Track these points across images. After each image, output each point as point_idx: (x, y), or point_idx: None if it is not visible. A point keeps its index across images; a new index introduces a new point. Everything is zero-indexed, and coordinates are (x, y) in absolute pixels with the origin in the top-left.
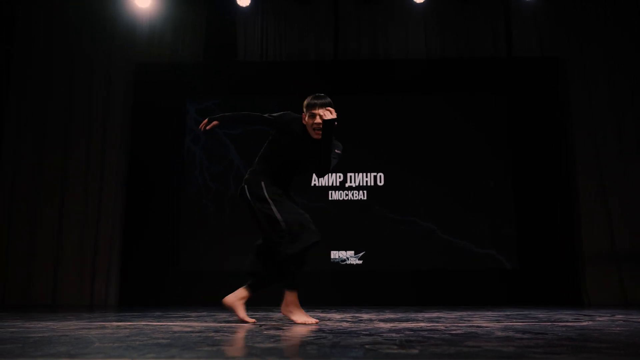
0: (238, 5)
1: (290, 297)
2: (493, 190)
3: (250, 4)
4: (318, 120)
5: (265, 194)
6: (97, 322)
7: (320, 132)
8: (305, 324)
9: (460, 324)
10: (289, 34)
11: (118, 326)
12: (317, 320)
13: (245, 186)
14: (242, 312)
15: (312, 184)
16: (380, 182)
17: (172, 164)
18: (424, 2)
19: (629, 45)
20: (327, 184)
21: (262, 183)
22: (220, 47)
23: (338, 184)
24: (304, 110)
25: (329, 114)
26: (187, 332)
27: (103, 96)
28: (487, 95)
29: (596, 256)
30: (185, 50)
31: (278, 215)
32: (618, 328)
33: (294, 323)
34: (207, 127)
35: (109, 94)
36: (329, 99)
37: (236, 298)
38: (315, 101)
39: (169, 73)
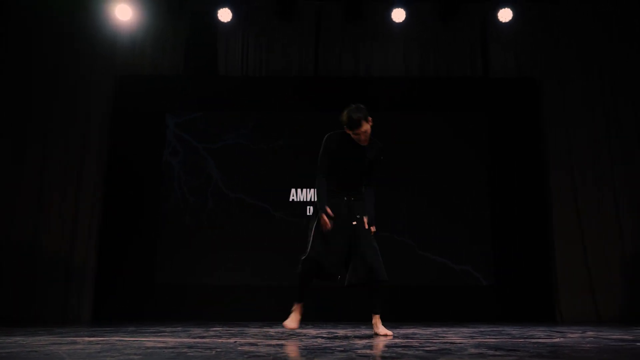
0: (219, 20)
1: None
2: (470, 207)
3: (231, 18)
4: (357, 131)
5: None
6: (68, 338)
7: (365, 141)
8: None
9: (434, 340)
10: (270, 50)
11: (90, 341)
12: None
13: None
14: None
15: (291, 199)
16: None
17: (150, 177)
18: (403, 21)
19: (602, 68)
20: (305, 199)
21: None
22: (201, 61)
23: (316, 200)
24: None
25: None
26: (160, 347)
27: (83, 107)
28: (465, 114)
29: (569, 274)
30: (165, 64)
31: None
32: (588, 345)
33: (269, 339)
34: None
35: (88, 105)
36: (361, 108)
37: None
38: (349, 124)
39: (149, 86)
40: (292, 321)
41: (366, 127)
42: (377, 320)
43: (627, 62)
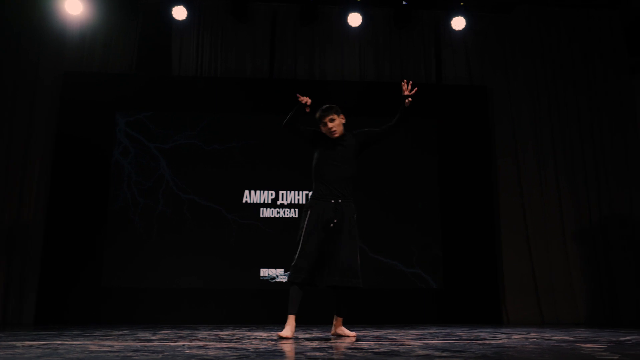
0: (174, 18)
1: None
2: (422, 212)
3: (186, 17)
4: (328, 126)
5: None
6: (7, 342)
7: (337, 134)
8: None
9: (384, 343)
10: (225, 50)
11: (30, 346)
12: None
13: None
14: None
15: (244, 201)
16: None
17: (99, 176)
18: (359, 26)
19: (549, 77)
20: (259, 201)
21: None
22: (154, 59)
23: (270, 201)
24: (319, 123)
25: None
26: (104, 351)
27: (28, 103)
28: (418, 120)
29: (515, 277)
30: (117, 61)
31: None
32: (531, 346)
33: (219, 342)
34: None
35: (33, 101)
36: (331, 107)
37: None
38: (321, 114)
39: (99, 83)
40: (287, 331)
41: (337, 121)
42: (340, 322)
43: (572, 65)
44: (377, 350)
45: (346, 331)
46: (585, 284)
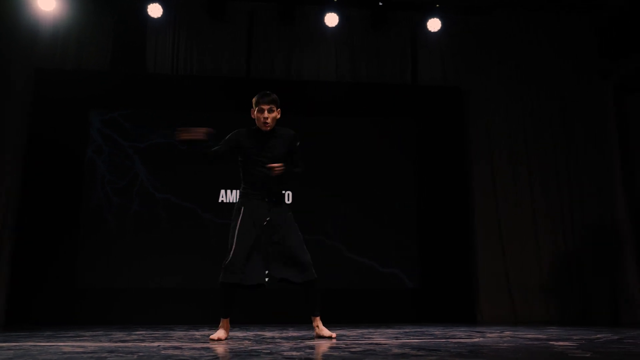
0: (149, 15)
1: None
2: (398, 212)
3: (162, 15)
4: (265, 114)
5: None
6: None
7: (269, 126)
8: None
9: (360, 342)
10: (201, 49)
11: (1, 347)
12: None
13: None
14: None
15: (220, 200)
16: (288, 200)
17: (72, 175)
18: (336, 27)
19: (523, 79)
20: (235, 200)
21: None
22: (129, 57)
23: None
24: (253, 105)
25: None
26: (78, 352)
27: None
28: (394, 120)
29: (489, 277)
30: (91, 58)
31: None
32: (505, 344)
33: (195, 342)
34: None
35: (5, 99)
36: (274, 96)
37: None
38: (260, 99)
39: (72, 81)
40: (219, 335)
41: (274, 113)
42: (318, 322)
43: (546, 69)
44: (353, 350)
45: (325, 331)
46: (557, 283)
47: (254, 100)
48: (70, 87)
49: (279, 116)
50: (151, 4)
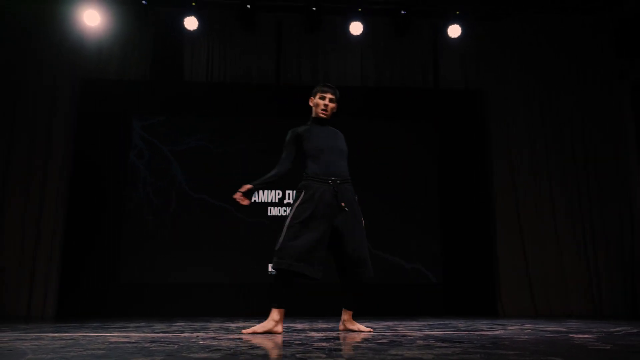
0: (185, 28)
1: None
2: (422, 210)
3: (197, 27)
4: (326, 102)
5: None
6: (32, 334)
7: (327, 114)
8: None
9: (386, 333)
10: (233, 57)
11: (54, 337)
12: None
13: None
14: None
15: (253, 200)
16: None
17: (116, 178)
18: (361, 34)
19: (542, 81)
20: (266, 200)
21: None
22: (167, 67)
23: (277, 200)
24: (313, 95)
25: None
26: (123, 342)
27: (48, 109)
28: (417, 122)
29: (510, 272)
30: (132, 68)
31: None
32: (526, 336)
33: (230, 333)
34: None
35: (54, 107)
36: (337, 90)
37: None
38: (325, 88)
39: (116, 89)
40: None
41: (334, 104)
42: (349, 316)
43: (563, 70)
44: (380, 341)
45: (359, 326)
46: (575, 278)
47: (316, 89)
48: (114, 95)
49: (335, 110)
50: (187, 17)
